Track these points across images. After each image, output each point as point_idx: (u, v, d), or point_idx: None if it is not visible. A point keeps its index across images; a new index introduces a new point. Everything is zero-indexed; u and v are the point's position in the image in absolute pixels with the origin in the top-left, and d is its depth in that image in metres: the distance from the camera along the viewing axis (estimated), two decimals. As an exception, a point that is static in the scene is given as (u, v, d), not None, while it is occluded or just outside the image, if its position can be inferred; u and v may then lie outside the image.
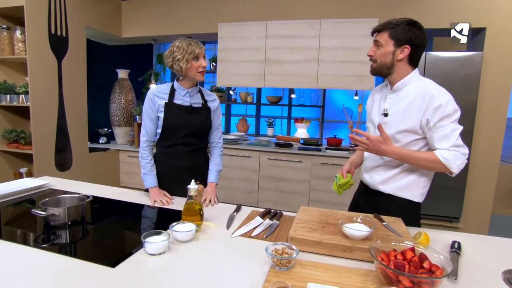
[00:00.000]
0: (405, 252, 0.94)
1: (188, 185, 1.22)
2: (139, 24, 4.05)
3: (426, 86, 1.30)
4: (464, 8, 3.10)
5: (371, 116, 1.49)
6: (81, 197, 1.33)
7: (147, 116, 1.65)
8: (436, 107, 1.24)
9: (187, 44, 1.55)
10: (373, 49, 1.37)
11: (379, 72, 1.38)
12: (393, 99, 1.38)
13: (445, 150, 1.25)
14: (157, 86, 1.69)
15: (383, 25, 1.33)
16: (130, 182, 4.01)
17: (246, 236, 1.21)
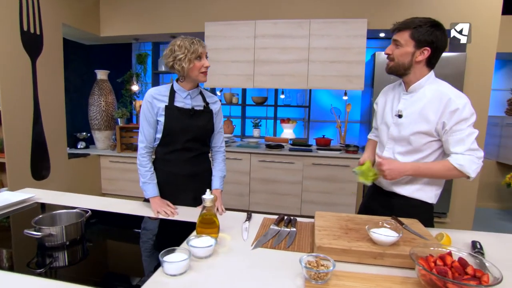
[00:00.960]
0: (445, 257, 0.90)
1: (203, 195, 1.12)
2: (119, 22, 3.84)
3: (443, 89, 1.28)
4: (449, 9, 3.20)
5: (384, 116, 1.45)
6: (79, 212, 1.19)
7: (145, 120, 1.54)
8: (453, 111, 1.23)
9: (189, 43, 1.44)
10: (391, 47, 1.33)
11: (395, 72, 1.35)
12: (408, 100, 1.36)
13: (460, 154, 1.24)
14: (155, 87, 1.57)
15: (405, 24, 1.28)
16: (112, 189, 3.79)
17: (267, 247, 1.13)
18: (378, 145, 1.53)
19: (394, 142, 1.40)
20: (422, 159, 1.34)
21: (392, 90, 1.48)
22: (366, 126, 3.69)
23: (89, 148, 3.91)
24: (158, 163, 1.61)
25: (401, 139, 1.36)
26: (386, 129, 1.43)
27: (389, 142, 1.42)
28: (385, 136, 1.44)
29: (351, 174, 3.30)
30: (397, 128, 1.37)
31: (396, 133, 1.38)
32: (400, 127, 1.36)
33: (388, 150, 1.42)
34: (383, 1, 3.29)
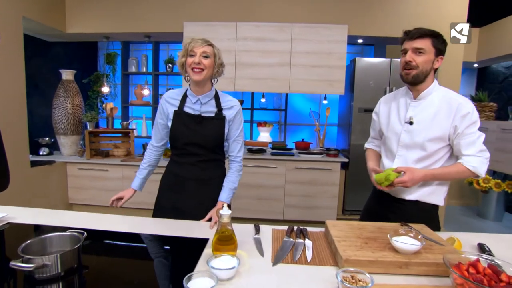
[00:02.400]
0: (476, 265, 0.90)
1: (220, 211, 1.03)
2: (88, 18, 3.55)
3: (451, 94, 1.35)
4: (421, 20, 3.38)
5: (391, 125, 1.46)
6: (74, 235, 1.02)
7: (156, 121, 1.58)
8: (464, 115, 1.29)
9: (186, 42, 1.43)
10: (412, 55, 1.31)
11: (416, 80, 1.33)
12: (417, 107, 1.38)
13: (472, 156, 1.30)
14: (171, 90, 1.56)
15: (428, 31, 1.29)
16: (81, 199, 3.49)
17: (287, 262, 1.07)
18: (385, 154, 1.52)
19: (406, 150, 1.40)
20: (433, 164, 1.37)
21: (394, 98, 1.50)
22: (343, 129, 3.77)
23: (53, 155, 3.56)
24: (170, 164, 1.60)
25: (414, 145, 1.37)
26: (395, 137, 1.43)
27: (400, 150, 1.42)
28: (394, 145, 1.44)
29: (333, 177, 3.35)
30: (409, 134, 1.38)
31: (408, 140, 1.39)
32: (413, 134, 1.37)
33: (400, 157, 1.42)
34: (363, 8, 3.39)
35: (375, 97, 3.27)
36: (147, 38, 3.71)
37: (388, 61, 3.23)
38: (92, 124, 3.49)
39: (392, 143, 1.45)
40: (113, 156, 3.55)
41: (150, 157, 1.62)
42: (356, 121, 3.35)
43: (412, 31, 1.32)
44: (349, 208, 3.47)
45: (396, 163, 1.42)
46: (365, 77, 3.26)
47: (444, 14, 3.35)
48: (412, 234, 1.10)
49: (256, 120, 4.29)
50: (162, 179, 1.62)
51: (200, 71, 1.39)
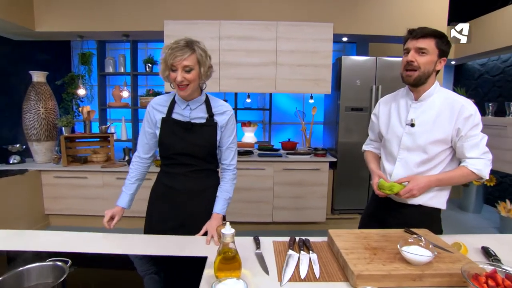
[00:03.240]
0: (495, 276, 0.87)
1: (222, 230, 0.95)
2: (59, 16, 3.31)
3: (453, 96, 1.31)
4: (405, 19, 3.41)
5: (392, 127, 1.41)
6: (57, 265, 0.90)
7: (142, 129, 1.46)
8: (467, 117, 1.25)
9: (164, 49, 1.30)
10: (414, 55, 1.26)
11: (418, 82, 1.29)
12: (418, 109, 1.34)
13: (476, 159, 1.28)
14: (158, 96, 1.46)
15: (431, 31, 1.24)
16: (58, 209, 3.27)
17: (296, 280, 1.00)
18: (385, 157, 1.48)
19: (408, 152, 1.36)
20: (434, 167, 1.34)
21: (394, 100, 1.45)
22: (330, 128, 3.76)
23: (25, 163, 3.31)
24: (160, 175, 1.50)
25: (416, 148, 1.34)
26: (396, 140, 1.39)
27: (402, 153, 1.38)
28: (395, 147, 1.40)
29: (321, 177, 3.32)
30: (411, 137, 1.35)
31: (410, 143, 1.35)
32: (414, 136, 1.33)
33: (401, 160, 1.38)
34: (347, 7, 3.38)
35: (362, 96, 3.30)
36: (125, 37, 3.53)
37: (373, 59, 3.23)
38: (68, 129, 3.27)
39: (393, 145, 1.41)
40: (92, 162, 3.36)
41: (137, 170, 1.48)
42: (343, 119, 3.33)
43: (416, 30, 1.27)
44: (338, 207, 3.46)
45: (397, 166, 1.39)
46: (351, 75, 3.25)
47: (425, 13, 3.40)
48: (422, 243, 1.06)
49: (239, 120, 4.19)
50: (152, 190, 1.52)
51: (185, 87, 1.29)
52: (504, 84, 4.07)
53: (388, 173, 1.43)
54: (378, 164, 1.54)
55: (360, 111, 3.31)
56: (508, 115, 3.44)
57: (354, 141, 3.36)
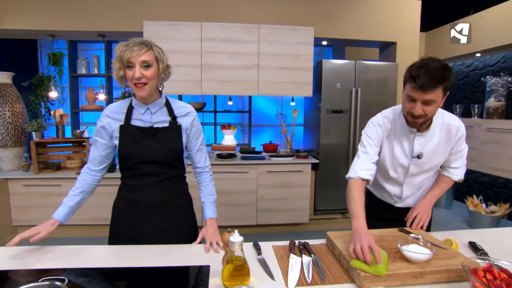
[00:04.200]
0: (492, 270, 0.92)
1: (230, 238, 0.93)
2: (28, 13, 3.10)
3: (448, 120, 1.34)
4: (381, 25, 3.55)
5: (396, 159, 1.39)
6: (55, 285, 0.83)
7: (94, 140, 1.33)
8: (460, 137, 1.36)
9: (118, 48, 1.18)
10: (421, 107, 1.18)
11: (423, 125, 1.29)
12: (422, 140, 1.34)
13: (458, 169, 1.46)
14: (113, 104, 1.32)
15: (438, 80, 1.13)
16: (28, 220, 3.05)
17: (303, 284, 1.00)
18: (386, 181, 1.49)
19: (413, 177, 1.44)
20: (430, 176, 1.48)
21: (394, 128, 1.37)
22: (310, 130, 3.82)
23: (-10, 171, 3.06)
24: (121, 189, 1.37)
25: (421, 172, 1.42)
26: (402, 170, 1.42)
27: (408, 178, 1.44)
28: (402, 176, 1.43)
29: (304, 178, 3.37)
30: (417, 166, 1.39)
31: (416, 170, 1.41)
32: (421, 165, 1.39)
33: (407, 184, 1.46)
34: (327, 12, 3.46)
35: (342, 99, 3.39)
36: (101, 37, 3.37)
37: (353, 63, 3.33)
38: (38, 134, 3.07)
39: (398, 174, 1.43)
40: (66, 168, 3.17)
41: (85, 182, 1.32)
42: (324, 122, 3.40)
43: (423, 79, 1.12)
44: (320, 208, 3.52)
45: (405, 189, 1.48)
46: (332, 78, 3.33)
47: (400, 19, 3.57)
48: (420, 242, 1.11)
49: (219, 122, 4.15)
50: (114, 205, 1.38)
51: (143, 85, 1.19)
52: (468, 87, 4.36)
53: (394, 195, 1.51)
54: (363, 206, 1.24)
55: (340, 113, 3.40)
56: (474, 116, 3.68)
57: (334, 143, 3.44)
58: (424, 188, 1.50)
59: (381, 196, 1.59)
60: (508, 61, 3.76)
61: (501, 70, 3.80)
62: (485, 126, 3.39)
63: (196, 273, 1.07)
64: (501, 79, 3.41)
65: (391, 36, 3.57)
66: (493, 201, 3.80)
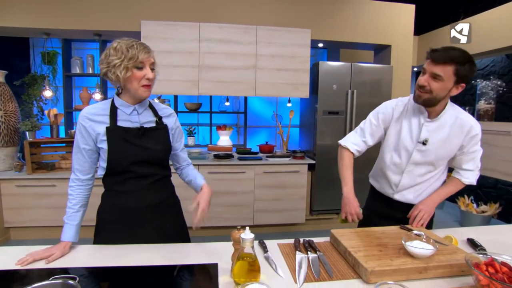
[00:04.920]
0: (493, 264, 0.95)
1: (242, 235, 0.94)
2: (22, 10, 3.06)
3: (463, 116, 1.36)
4: (376, 28, 3.61)
5: (402, 141, 1.43)
6: (68, 283, 0.82)
7: (77, 149, 1.24)
8: (473, 136, 1.35)
9: (127, 46, 1.15)
10: (428, 79, 1.24)
11: (426, 104, 1.31)
12: (431, 127, 1.37)
13: (470, 171, 1.42)
14: (90, 106, 1.25)
15: (451, 57, 1.18)
16: (21, 221, 3.00)
17: (311, 281, 1.02)
18: (388, 167, 1.50)
19: (415, 166, 1.43)
20: (435, 175, 1.46)
21: (406, 110, 1.43)
22: (307, 131, 3.86)
23: (-19, 172, 3.00)
24: (108, 197, 1.30)
25: (424, 163, 1.41)
26: (405, 154, 1.43)
27: (410, 166, 1.44)
28: (404, 161, 1.44)
29: (301, 179, 3.40)
30: (421, 154, 1.40)
31: (420, 158, 1.41)
32: (425, 153, 1.39)
33: (408, 173, 1.45)
34: (324, 14, 3.51)
35: (338, 100, 3.43)
36: (97, 36, 3.34)
37: (349, 65, 3.38)
38: (32, 133, 3.02)
39: (401, 158, 1.44)
40: (60, 169, 3.12)
41: (80, 196, 1.26)
42: (321, 123, 3.44)
43: (438, 52, 1.21)
44: (317, 208, 3.56)
45: (404, 177, 1.46)
46: (328, 80, 3.37)
47: (394, 23, 3.64)
48: (423, 238, 1.14)
49: (214, 123, 4.15)
50: (100, 213, 1.31)
51: (149, 87, 1.21)
52: (459, 90, 4.47)
53: (393, 182, 1.50)
54: (352, 174, 1.48)
55: (336, 115, 3.44)
56: (465, 118, 3.77)
57: (330, 144, 3.48)
58: (426, 187, 1.47)
59: (380, 188, 1.59)
60: (497, 65, 3.88)
61: (491, 73, 3.92)
62: (476, 127, 3.48)
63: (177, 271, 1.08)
64: (490, 82, 3.51)
65: (386, 39, 3.64)
66: (484, 201, 3.90)
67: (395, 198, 1.52)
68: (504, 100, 3.73)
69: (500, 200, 3.79)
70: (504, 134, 3.21)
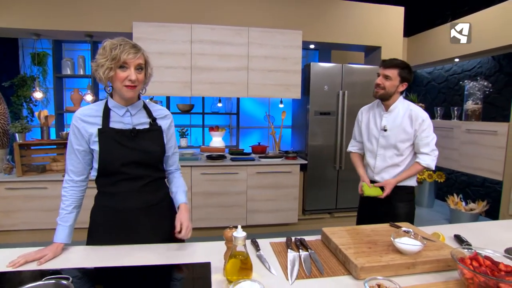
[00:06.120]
0: (477, 258, 0.99)
1: (234, 233, 0.95)
2: (11, 11, 3.02)
3: (411, 107, 1.80)
4: (367, 29, 3.67)
5: (371, 132, 1.90)
6: (61, 283, 0.83)
7: (71, 149, 1.24)
8: (420, 122, 1.75)
9: (111, 47, 1.14)
10: (381, 79, 1.76)
11: (382, 97, 1.79)
12: (389, 118, 1.83)
13: (426, 155, 1.76)
14: (84, 107, 1.25)
15: (395, 64, 1.73)
16: (11, 224, 2.96)
17: (302, 277, 1.04)
18: (367, 154, 1.94)
19: (384, 150, 1.84)
20: (405, 159, 1.82)
21: (371, 110, 1.93)
22: (299, 131, 3.89)
23: (-30, 174, 2.95)
24: (101, 199, 1.30)
25: (389, 146, 1.82)
26: (375, 141, 1.88)
27: (380, 150, 1.86)
28: (375, 146, 1.87)
29: (293, 179, 3.42)
30: (385, 139, 1.84)
31: (385, 143, 1.84)
32: (387, 138, 1.83)
33: (380, 156, 1.86)
34: (315, 16, 3.55)
35: (329, 101, 3.48)
36: (88, 37, 3.32)
37: (340, 66, 3.43)
38: (22, 135, 2.98)
39: (373, 145, 1.89)
40: (51, 171, 3.09)
41: (73, 197, 1.26)
42: (313, 123, 3.48)
43: (386, 61, 1.76)
44: (309, 208, 3.59)
45: (378, 160, 1.86)
46: (319, 81, 3.41)
47: (384, 25, 3.70)
48: (411, 235, 1.17)
49: (207, 124, 4.15)
50: (93, 215, 1.31)
51: (134, 87, 1.19)
52: (447, 91, 4.56)
53: (371, 166, 1.90)
54: (363, 165, 1.99)
55: (328, 115, 3.48)
56: (454, 118, 3.85)
57: (322, 144, 3.52)
58: (398, 172, 1.82)
59: (368, 174, 1.94)
60: (483, 66, 3.97)
61: (478, 74, 4.01)
62: (464, 127, 3.56)
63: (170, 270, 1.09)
64: (477, 83, 3.59)
65: (376, 40, 3.70)
66: (472, 199, 3.98)
67: (375, 179, 1.88)
68: (491, 100, 3.82)
69: (487, 198, 3.87)
70: (490, 134, 3.29)
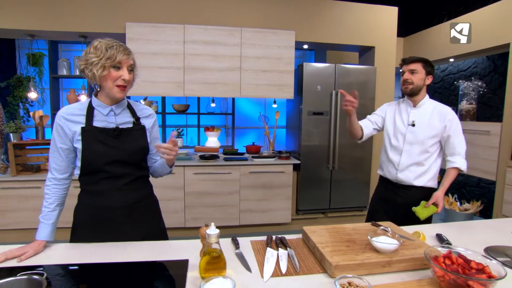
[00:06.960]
0: (450, 256, 1.00)
1: (207, 231, 0.96)
2: (6, 11, 3.04)
3: (439, 105, 1.83)
4: (360, 29, 3.67)
5: (397, 127, 1.89)
6: (33, 279, 0.84)
7: (54, 147, 1.26)
8: (450, 119, 1.77)
9: (106, 46, 1.18)
10: (408, 75, 1.78)
11: (412, 92, 1.80)
12: (417, 113, 1.84)
13: (461, 158, 1.76)
14: (67, 106, 1.27)
15: (417, 58, 1.78)
16: (5, 223, 2.98)
17: (278, 275, 1.04)
18: (390, 149, 1.92)
19: (410, 146, 1.83)
20: (429, 157, 1.81)
21: (398, 105, 1.95)
22: (292, 131, 3.90)
23: (-35, 174, 2.98)
24: (84, 197, 1.31)
25: (416, 142, 1.81)
26: (401, 136, 1.87)
27: (406, 146, 1.84)
28: (401, 142, 1.86)
29: (286, 179, 3.43)
30: (412, 134, 1.83)
31: (412, 138, 1.83)
32: (415, 133, 1.82)
33: (406, 152, 1.84)
34: (308, 16, 3.56)
35: (323, 101, 3.48)
36: (82, 38, 3.34)
37: (333, 66, 3.44)
38: (17, 135, 3.01)
39: (398, 141, 1.87)
40: (46, 171, 3.11)
41: (56, 194, 1.26)
42: (306, 123, 3.48)
43: (407, 58, 1.79)
44: (302, 208, 3.59)
45: (403, 156, 1.84)
46: (313, 81, 3.42)
47: (378, 25, 3.71)
48: (389, 233, 1.18)
49: (202, 124, 4.16)
50: (76, 213, 1.32)
51: (124, 88, 1.22)
52: (443, 91, 4.56)
53: (395, 163, 1.88)
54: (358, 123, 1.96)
55: (321, 115, 3.49)
56: (448, 118, 3.85)
57: (315, 144, 3.53)
58: (423, 171, 1.80)
59: (386, 173, 1.94)
60: (478, 66, 3.97)
61: (472, 75, 4.01)
62: (458, 127, 3.55)
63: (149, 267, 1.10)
64: (472, 83, 3.59)
65: (370, 40, 3.71)
66: (467, 199, 3.98)
67: (398, 177, 1.85)
68: (485, 100, 3.82)
69: (482, 198, 3.87)
70: (485, 134, 3.29)
